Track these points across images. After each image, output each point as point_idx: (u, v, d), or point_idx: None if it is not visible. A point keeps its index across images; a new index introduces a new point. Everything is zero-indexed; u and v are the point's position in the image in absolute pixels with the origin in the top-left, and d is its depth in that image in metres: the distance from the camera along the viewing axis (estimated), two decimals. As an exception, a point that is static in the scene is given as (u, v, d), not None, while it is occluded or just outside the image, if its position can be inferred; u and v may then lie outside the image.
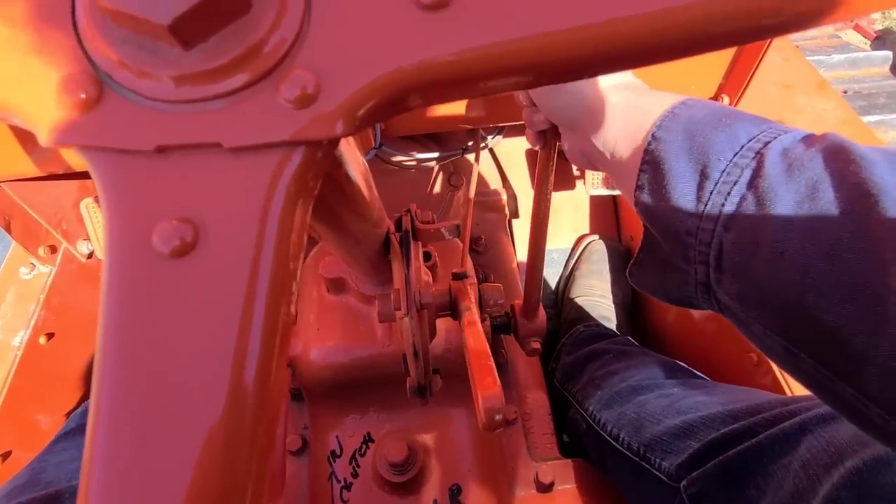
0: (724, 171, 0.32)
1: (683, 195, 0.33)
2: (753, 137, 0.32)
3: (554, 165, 0.56)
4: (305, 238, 0.19)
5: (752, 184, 0.31)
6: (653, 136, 0.36)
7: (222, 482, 0.15)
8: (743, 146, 0.32)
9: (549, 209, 0.58)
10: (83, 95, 0.17)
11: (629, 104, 0.39)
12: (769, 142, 0.32)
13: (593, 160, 0.44)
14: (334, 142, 0.18)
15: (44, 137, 0.17)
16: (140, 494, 0.15)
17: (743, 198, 0.31)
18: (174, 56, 0.17)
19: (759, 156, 0.31)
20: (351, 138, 0.33)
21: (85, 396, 0.86)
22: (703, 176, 0.33)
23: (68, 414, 0.81)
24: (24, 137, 0.70)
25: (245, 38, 0.17)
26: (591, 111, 0.41)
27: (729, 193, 0.32)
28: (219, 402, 0.16)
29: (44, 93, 0.18)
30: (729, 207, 0.31)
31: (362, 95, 0.18)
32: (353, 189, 0.37)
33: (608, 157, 0.40)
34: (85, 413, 0.70)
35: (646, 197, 0.36)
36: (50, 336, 0.82)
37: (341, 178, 0.32)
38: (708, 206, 0.32)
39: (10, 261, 0.87)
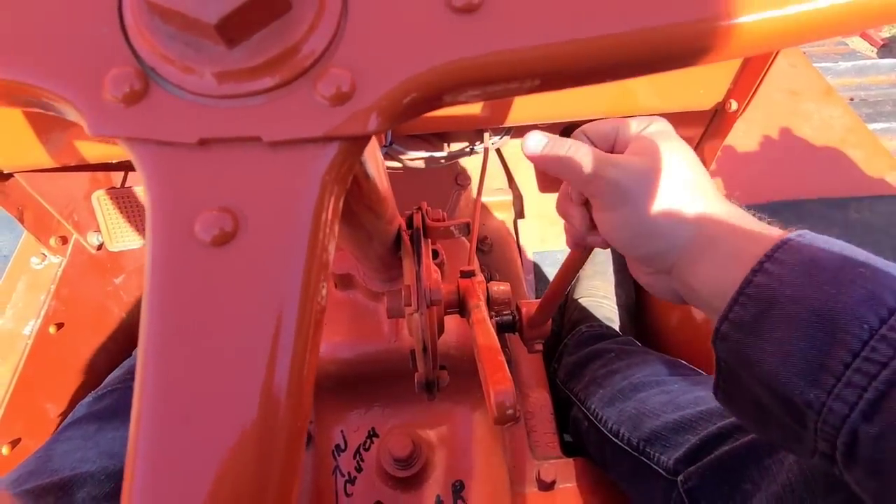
0: (866, 344, 0.26)
1: (803, 356, 0.27)
2: None
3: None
4: (337, 229, 0.20)
5: None
6: (761, 265, 0.29)
7: (262, 457, 0.16)
8: (894, 313, 0.26)
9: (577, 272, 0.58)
10: (129, 89, 0.18)
11: (729, 231, 0.33)
12: None
13: (684, 296, 0.37)
14: (367, 137, 0.19)
15: (90, 128, 0.18)
16: (183, 474, 0.16)
17: (891, 389, 0.25)
18: (218, 53, 0.18)
19: None
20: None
21: (91, 384, 0.87)
22: (835, 341, 0.27)
23: (77, 400, 0.82)
24: (40, 129, 0.71)
25: (285, 38, 0.18)
26: (689, 253, 0.34)
27: (875, 377, 0.25)
28: (256, 384, 0.17)
29: (90, 85, 0.18)
30: (872, 394, 0.25)
31: (395, 94, 0.19)
32: (370, 185, 0.38)
33: (703, 293, 0.34)
34: (92, 402, 0.71)
35: (738, 335, 0.30)
36: (60, 326, 0.83)
37: (360, 174, 0.33)
38: (841, 385, 0.26)
39: (21, 251, 0.88)
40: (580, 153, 0.36)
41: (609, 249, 1.07)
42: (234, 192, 0.18)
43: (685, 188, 0.35)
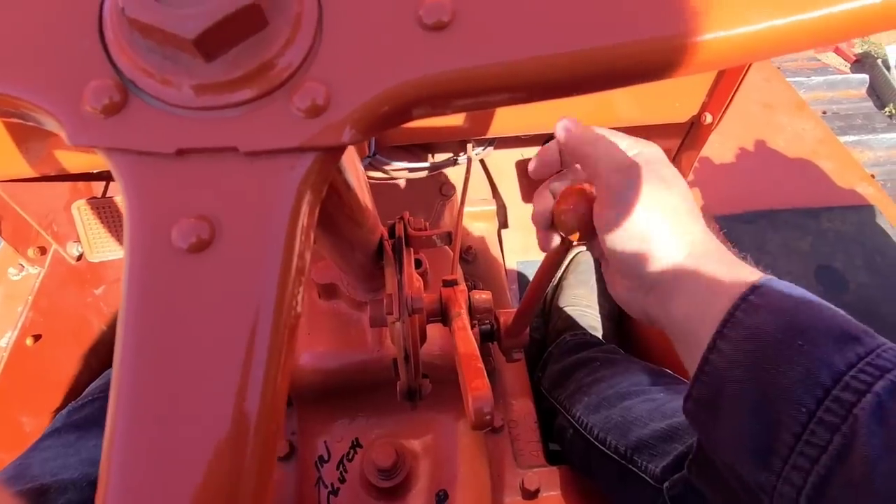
0: (806, 427, 0.26)
1: (753, 438, 0.28)
2: (839, 381, 0.26)
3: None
4: (312, 238, 0.21)
5: (844, 460, 0.25)
6: (714, 345, 0.30)
7: (234, 463, 0.17)
8: (829, 392, 0.26)
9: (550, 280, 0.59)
10: (108, 101, 0.19)
11: (707, 278, 0.33)
12: (863, 392, 0.25)
13: (657, 320, 0.38)
14: (342, 148, 0.20)
15: (70, 138, 0.19)
16: (157, 478, 0.16)
17: (831, 473, 0.25)
18: (196, 67, 0.19)
19: (852, 417, 0.25)
20: (351, 146, 0.34)
21: (70, 398, 0.86)
22: (779, 423, 0.27)
23: (54, 413, 0.80)
24: (19, 138, 0.71)
25: (262, 52, 0.19)
26: (672, 277, 0.34)
27: (816, 461, 0.26)
28: (232, 387, 0.17)
29: (70, 97, 0.19)
30: (815, 478, 0.26)
31: (369, 107, 0.20)
32: (350, 195, 0.38)
33: (677, 329, 0.35)
34: (72, 412, 0.70)
35: (702, 415, 0.31)
36: (37, 338, 0.82)
37: (340, 184, 0.34)
38: (788, 468, 0.27)
39: (-2, 261, 0.87)
40: (610, 142, 0.38)
41: (592, 260, 1.08)
42: (211, 200, 0.19)
43: (685, 213, 0.36)
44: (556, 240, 0.46)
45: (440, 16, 0.20)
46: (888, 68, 2.22)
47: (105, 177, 0.99)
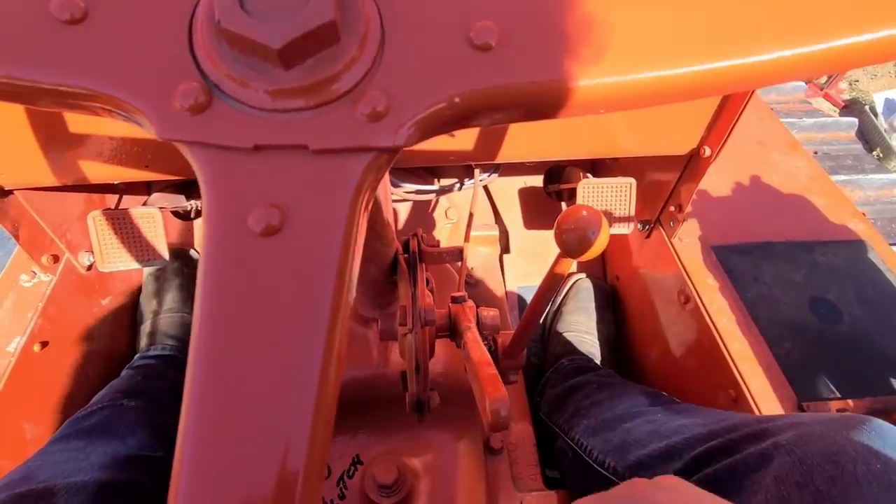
0: None
1: None
2: None
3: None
4: (365, 229, 0.23)
5: None
6: None
7: (298, 435, 0.18)
8: None
9: (548, 302, 0.61)
10: (195, 101, 0.21)
11: None
12: None
13: None
14: (397, 150, 0.22)
15: (159, 133, 0.21)
16: (232, 460, 0.18)
17: None
18: (275, 74, 0.21)
19: None
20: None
21: (72, 406, 0.86)
22: None
23: (56, 421, 0.80)
24: (44, 147, 0.73)
25: (333, 63, 0.21)
26: None
27: None
28: (296, 363, 0.19)
29: (162, 97, 0.21)
30: None
31: (422, 115, 0.22)
32: (376, 207, 0.41)
33: None
34: (80, 419, 0.70)
35: None
36: (44, 344, 0.83)
37: (371, 193, 0.36)
38: None
39: (11, 267, 0.88)
40: None
41: (591, 286, 1.11)
42: (282, 191, 0.21)
43: None
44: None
45: (488, 38, 0.22)
46: (875, 114, 2.30)
47: (119, 189, 1.01)
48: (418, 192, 0.98)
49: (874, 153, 2.11)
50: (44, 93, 0.21)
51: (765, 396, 0.74)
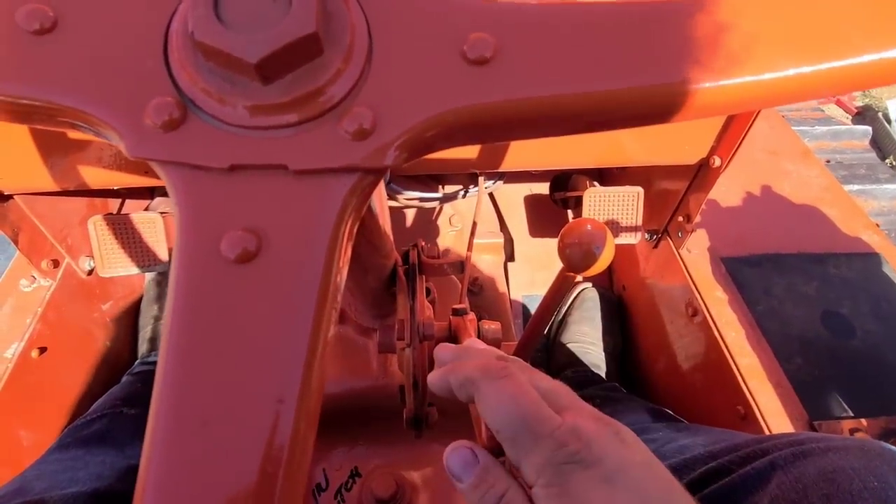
0: None
1: None
2: None
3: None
4: (349, 255, 0.21)
5: None
6: None
7: (271, 465, 0.17)
8: None
9: (553, 314, 0.59)
10: (168, 117, 0.20)
11: None
12: None
13: None
14: (383, 170, 0.21)
15: (130, 151, 0.20)
16: (194, 479, 0.17)
17: None
18: (253, 89, 0.20)
19: None
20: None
21: (70, 413, 0.85)
22: None
23: (58, 432, 0.80)
24: (44, 152, 0.72)
25: (315, 78, 0.20)
26: None
27: None
28: (270, 392, 0.18)
29: (133, 112, 0.20)
30: None
31: (412, 132, 0.21)
32: (372, 219, 0.39)
33: None
34: (80, 428, 0.69)
35: None
36: (42, 350, 0.82)
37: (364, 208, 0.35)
38: None
39: (11, 272, 0.87)
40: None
41: (597, 296, 1.09)
42: (259, 214, 0.19)
43: None
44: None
45: (483, 52, 0.21)
46: (889, 121, 2.26)
47: (121, 194, 1.00)
48: (422, 199, 0.97)
49: (888, 161, 2.07)
50: (6, 108, 0.20)
51: (775, 414, 0.72)
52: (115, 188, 0.82)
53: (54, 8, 0.20)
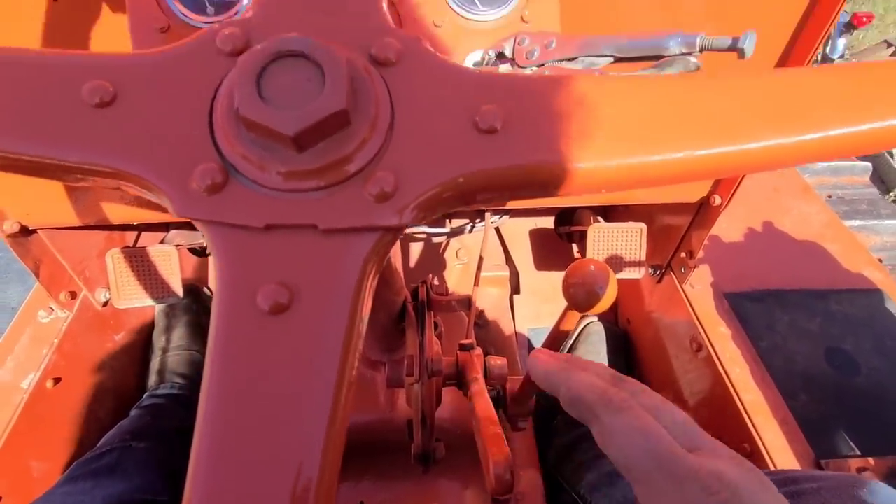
0: None
1: None
2: None
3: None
4: (371, 304, 0.23)
5: None
6: None
7: None
8: None
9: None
10: (211, 181, 0.22)
11: None
12: None
13: None
14: (402, 228, 0.23)
15: (177, 212, 0.22)
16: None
17: None
18: (288, 156, 0.22)
19: None
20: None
21: (79, 446, 0.86)
22: None
23: (67, 463, 0.80)
24: (68, 188, 0.76)
25: (343, 147, 0.22)
26: None
27: None
28: (300, 434, 0.19)
29: (181, 177, 0.22)
30: None
31: (429, 195, 0.23)
32: (387, 259, 0.41)
33: None
34: (90, 461, 0.70)
35: None
36: (57, 381, 0.84)
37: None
38: None
39: (29, 303, 0.90)
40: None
41: (603, 330, 1.10)
42: (292, 269, 0.22)
43: None
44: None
45: (493, 122, 0.23)
46: (891, 154, 2.29)
47: (138, 227, 1.04)
48: (429, 234, 0.99)
49: (890, 196, 2.09)
50: (67, 170, 0.22)
51: (781, 451, 0.72)
52: (136, 223, 0.85)
53: (114, 83, 0.23)
